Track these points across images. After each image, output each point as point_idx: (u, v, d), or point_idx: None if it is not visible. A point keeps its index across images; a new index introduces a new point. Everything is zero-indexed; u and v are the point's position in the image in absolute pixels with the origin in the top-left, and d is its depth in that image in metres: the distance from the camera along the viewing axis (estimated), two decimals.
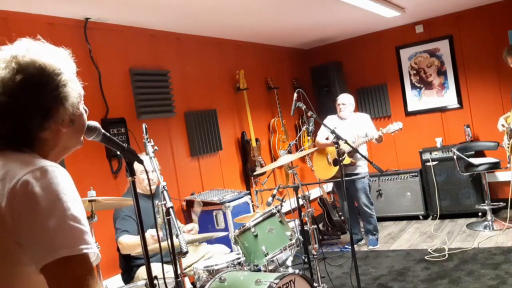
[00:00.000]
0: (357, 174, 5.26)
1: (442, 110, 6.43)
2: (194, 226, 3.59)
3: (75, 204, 1.06)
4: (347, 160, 5.15)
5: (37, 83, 1.11)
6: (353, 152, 4.81)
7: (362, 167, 5.29)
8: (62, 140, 1.19)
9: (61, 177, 1.07)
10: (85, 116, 1.25)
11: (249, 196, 4.81)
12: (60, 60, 1.16)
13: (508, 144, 4.57)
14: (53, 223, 1.01)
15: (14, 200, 1.02)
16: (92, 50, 3.94)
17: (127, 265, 3.47)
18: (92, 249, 1.06)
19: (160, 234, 2.66)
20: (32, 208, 1.01)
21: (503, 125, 4.67)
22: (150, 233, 3.07)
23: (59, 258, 1.00)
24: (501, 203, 5.73)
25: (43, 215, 1.01)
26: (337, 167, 5.15)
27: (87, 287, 1.02)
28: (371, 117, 5.56)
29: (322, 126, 5.39)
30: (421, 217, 6.21)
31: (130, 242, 3.25)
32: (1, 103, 1.09)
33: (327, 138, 5.32)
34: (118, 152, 1.68)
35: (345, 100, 5.33)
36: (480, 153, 5.96)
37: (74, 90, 1.17)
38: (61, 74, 1.14)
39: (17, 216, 1.02)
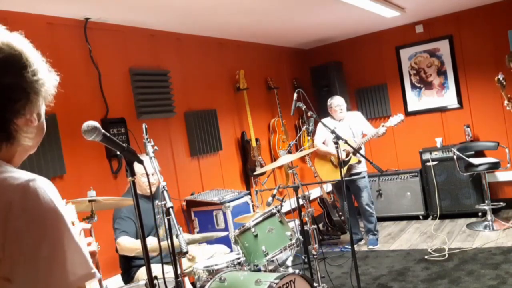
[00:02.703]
0: (358, 173, 5.31)
1: (442, 110, 6.43)
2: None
3: (68, 225, 0.99)
4: (354, 159, 5.16)
5: (17, 63, 1.03)
6: (355, 151, 4.82)
7: (363, 166, 5.34)
8: (29, 134, 1.09)
9: (50, 194, 0.99)
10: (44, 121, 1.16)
11: (249, 196, 4.81)
12: (34, 54, 1.09)
13: None
14: (47, 253, 0.95)
15: (3, 228, 0.93)
16: (92, 50, 3.94)
17: (127, 266, 3.47)
18: (96, 272, 1.02)
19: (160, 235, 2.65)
20: (24, 237, 0.94)
21: None
22: (149, 243, 3.03)
23: None
24: (501, 203, 5.74)
25: (36, 245, 0.94)
26: (344, 168, 5.14)
27: None
28: (368, 117, 5.57)
29: (318, 131, 5.41)
30: (421, 217, 6.21)
31: (128, 245, 3.24)
32: None
33: (324, 143, 5.34)
34: (118, 152, 1.68)
35: (342, 102, 5.41)
36: (480, 153, 5.95)
37: (49, 85, 1.10)
38: (35, 63, 1.07)
39: (6, 246, 0.93)
